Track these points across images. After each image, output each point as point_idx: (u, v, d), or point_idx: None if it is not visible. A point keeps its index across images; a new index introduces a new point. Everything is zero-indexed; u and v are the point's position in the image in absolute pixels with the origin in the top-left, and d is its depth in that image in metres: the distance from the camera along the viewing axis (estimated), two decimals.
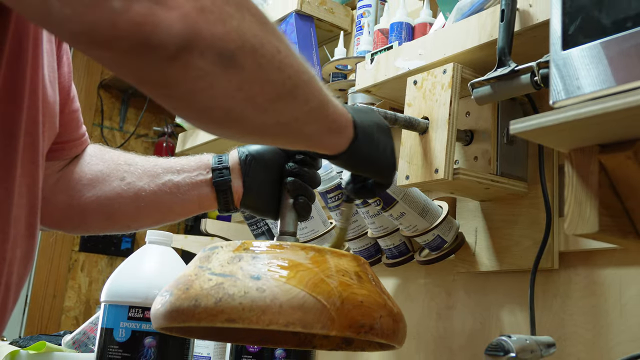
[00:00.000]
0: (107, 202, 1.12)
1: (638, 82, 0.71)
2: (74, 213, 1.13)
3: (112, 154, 1.17)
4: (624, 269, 1.27)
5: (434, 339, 1.59)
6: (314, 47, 1.95)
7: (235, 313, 0.80)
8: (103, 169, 1.13)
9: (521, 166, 1.41)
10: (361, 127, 0.96)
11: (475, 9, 1.33)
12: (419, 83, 1.38)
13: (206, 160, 1.13)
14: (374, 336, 0.85)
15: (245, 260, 0.86)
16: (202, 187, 1.12)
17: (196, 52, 0.65)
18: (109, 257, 3.52)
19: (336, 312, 0.82)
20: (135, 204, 1.12)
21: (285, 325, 0.80)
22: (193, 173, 1.12)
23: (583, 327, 1.31)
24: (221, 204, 1.12)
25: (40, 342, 1.44)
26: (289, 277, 0.83)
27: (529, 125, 0.80)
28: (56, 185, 1.11)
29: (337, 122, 0.90)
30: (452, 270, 1.55)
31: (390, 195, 1.40)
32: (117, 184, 1.12)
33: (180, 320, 0.85)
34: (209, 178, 1.12)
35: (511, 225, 1.42)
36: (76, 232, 1.28)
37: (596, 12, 0.78)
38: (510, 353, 1.02)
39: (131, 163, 1.14)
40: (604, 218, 0.84)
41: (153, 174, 1.12)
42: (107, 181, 1.13)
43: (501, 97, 1.28)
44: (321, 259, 0.88)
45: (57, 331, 2.48)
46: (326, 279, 0.85)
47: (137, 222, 1.17)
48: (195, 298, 0.83)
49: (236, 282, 0.83)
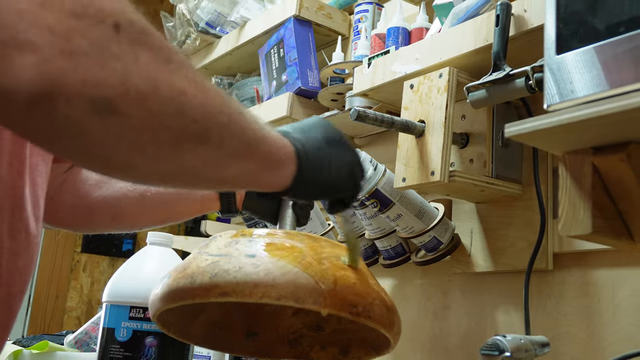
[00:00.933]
0: (113, 202, 1.12)
1: (631, 86, 0.71)
2: (80, 212, 1.13)
3: None
4: (617, 270, 1.27)
5: (430, 339, 1.59)
6: (312, 51, 1.95)
7: (229, 287, 0.80)
8: None
9: (516, 169, 1.41)
10: (306, 155, 0.87)
11: (471, 14, 1.33)
12: (415, 87, 1.38)
13: None
14: (368, 319, 0.84)
15: (242, 243, 0.86)
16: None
17: (61, 101, 0.56)
18: (110, 258, 3.52)
19: (329, 291, 0.82)
20: (141, 203, 1.12)
21: (277, 299, 0.80)
22: None
23: (577, 326, 1.31)
24: (224, 205, 1.12)
25: (43, 342, 1.44)
26: (283, 256, 0.83)
27: (524, 128, 0.80)
28: (62, 186, 1.11)
29: (273, 158, 0.82)
30: (448, 270, 1.55)
31: (387, 198, 1.40)
32: (122, 184, 1.12)
33: (178, 299, 0.84)
34: None
35: (506, 226, 1.42)
36: (82, 230, 1.28)
37: (589, 17, 0.78)
38: (505, 352, 1.02)
39: None
40: (597, 219, 0.84)
41: None
42: (113, 182, 1.13)
43: (496, 101, 1.29)
44: (317, 244, 0.88)
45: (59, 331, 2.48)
46: (321, 260, 0.85)
47: (141, 221, 1.17)
48: (191, 276, 0.83)
49: (231, 260, 0.83)
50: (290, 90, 1.90)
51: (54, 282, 3.34)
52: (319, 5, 2.01)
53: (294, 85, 1.90)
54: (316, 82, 1.91)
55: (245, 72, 2.37)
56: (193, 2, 2.34)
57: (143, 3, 2.92)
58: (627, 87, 0.72)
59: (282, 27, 2.01)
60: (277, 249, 0.85)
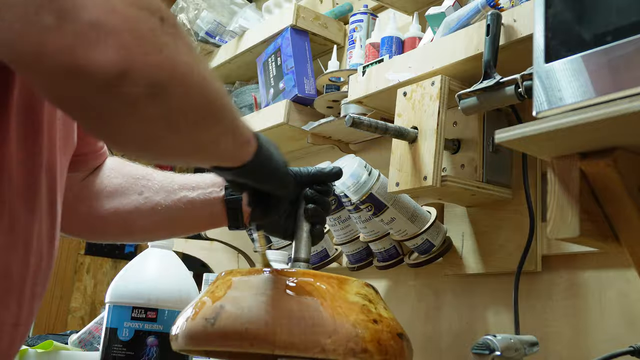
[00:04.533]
0: (125, 214, 1.12)
1: (617, 94, 0.71)
2: (94, 222, 1.13)
3: (130, 168, 1.16)
4: (604, 272, 1.27)
5: (423, 339, 1.59)
6: (309, 60, 1.95)
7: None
8: (122, 183, 1.13)
9: (506, 173, 1.41)
10: (262, 139, 0.92)
11: (462, 24, 1.33)
12: (408, 94, 1.38)
13: (220, 179, 1.11)
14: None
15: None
16: (214, 204, 1.11)
17: (128, 81, 0.60)
18: (113, 260, 3.51)
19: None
20: (152, 218, 1.12)
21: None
22: (207, 190, 1.12)
23: (565, 326, 1.31)
24: (231, 220, 1.11)
25: (48, 341, 1.43)
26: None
27: (513, 134, 0.80)
28: (79, 195, 1.11)
29: (245, 134, 0.86)
30: (440, 272, 1.55)
31: (381, 201, 1.40)
32: (135, 197, 1.12)
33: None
34: (222, 195, 1.11)
35: (496, 229, 1.42)
36: (94, 239, 1.27)
37: (577, 26, 0.78)
38: (496, 351, 1.02)
39: (149, 178, 1.14)
40: (585, 223, 0.84)
41: (169, 190, 1.12)
42: (126, 194, 1.12)
43: (487, 108, 1.29)
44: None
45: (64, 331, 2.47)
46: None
47: (151, 234, 1.18)
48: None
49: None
50: (287, 98, 1.90)
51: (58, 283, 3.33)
52: (315, 15, 2.01)
53: (291, 93, 1.89)
54: (312, 89, 1.90)
55: (243, 80, 2.36)
56: (193, 12, 2.34)
57: None
58: (613, 95, 0.72)
59: (279, 36, 2.00)
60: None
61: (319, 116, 1.85)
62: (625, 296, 1.23)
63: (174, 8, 2.43)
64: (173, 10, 2.43)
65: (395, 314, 0.94)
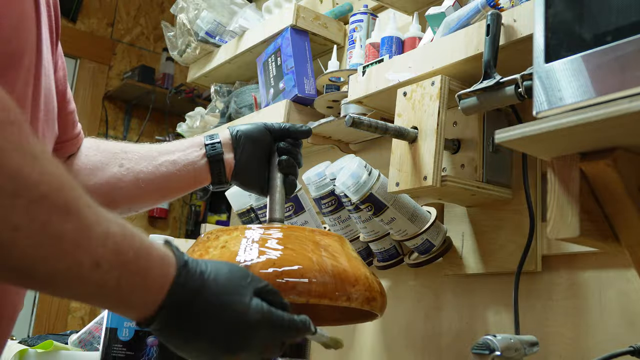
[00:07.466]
0: (108, 187, 1.13)
1: (617, 94, 0.71)
2: None
3: (107, 145, 1.19)
4: (604, 272, 1.27)
5: (423, 339, 1.59)
6: (309, 60, 1.95)
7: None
8: (101, 159, 1.15)
9: (506, 173, 1.41)
10: (183, 292, 0.75)
11: (462, 24, 1.33)
12: (408, 94, 1.38)
13: (198, 140, 1.17)
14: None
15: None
16: (196, 161, 1.16)
17: None
18: None
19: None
20: (136, 185, 1.14)
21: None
22: (187, 151, 1.16)
23: (565, 326, 1.31)
24: (214, 176, 1.16)
25: (48, 341, 1.43)
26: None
27: (513, 134, 0.80)
28: None
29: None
30: (440, 272, 1.55)
31: (381, 202, 1.40)
32: (116, 169, 1.14)
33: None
34: (203, 153, 1.16)
35: (496, 229, 1.42)
36: None
37: (577, 27, 0.78)
38: (496, 351, 1.02)
39: (127, 150, 1.17)
40: (585, 223, 0.84)
41: (149, 157, 1.16)
42: (107, 169, 1.14)
43: (487, 108, 1.29)
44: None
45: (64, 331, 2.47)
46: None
47: (138, 203, 1.19)
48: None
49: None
50: (287, 98, 1.90)
51: None
52: (315, 15, 2.01)
53: (291, 93, 1.90)
54: (312, 89, 1.91)
55: (243, 80, 2.36)
56: (193, 12, 2.34)
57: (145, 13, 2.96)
58: (613, 95, 0.72)
59: (279, 36, 2.01)
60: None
61: (319, 116, 1.85)
62: (625, 296, 1.23)
63: (174, 8, 2.43)
64: (173, 10, 2.43)
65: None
